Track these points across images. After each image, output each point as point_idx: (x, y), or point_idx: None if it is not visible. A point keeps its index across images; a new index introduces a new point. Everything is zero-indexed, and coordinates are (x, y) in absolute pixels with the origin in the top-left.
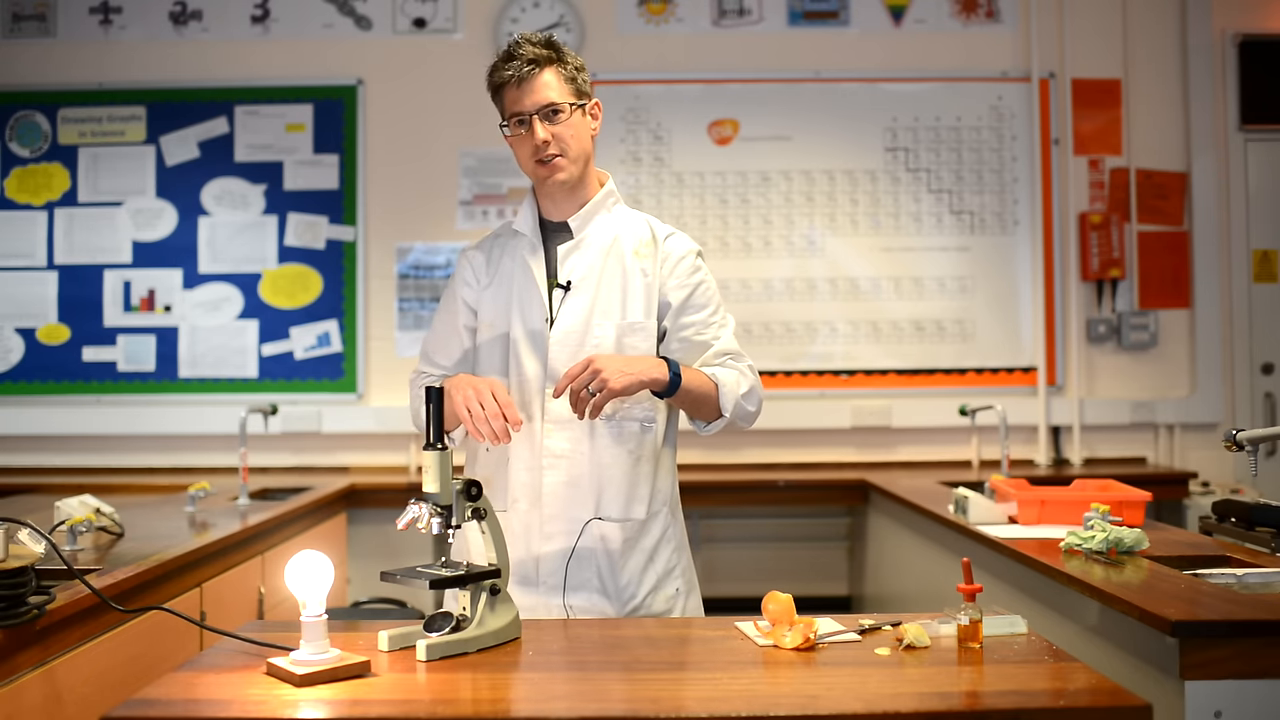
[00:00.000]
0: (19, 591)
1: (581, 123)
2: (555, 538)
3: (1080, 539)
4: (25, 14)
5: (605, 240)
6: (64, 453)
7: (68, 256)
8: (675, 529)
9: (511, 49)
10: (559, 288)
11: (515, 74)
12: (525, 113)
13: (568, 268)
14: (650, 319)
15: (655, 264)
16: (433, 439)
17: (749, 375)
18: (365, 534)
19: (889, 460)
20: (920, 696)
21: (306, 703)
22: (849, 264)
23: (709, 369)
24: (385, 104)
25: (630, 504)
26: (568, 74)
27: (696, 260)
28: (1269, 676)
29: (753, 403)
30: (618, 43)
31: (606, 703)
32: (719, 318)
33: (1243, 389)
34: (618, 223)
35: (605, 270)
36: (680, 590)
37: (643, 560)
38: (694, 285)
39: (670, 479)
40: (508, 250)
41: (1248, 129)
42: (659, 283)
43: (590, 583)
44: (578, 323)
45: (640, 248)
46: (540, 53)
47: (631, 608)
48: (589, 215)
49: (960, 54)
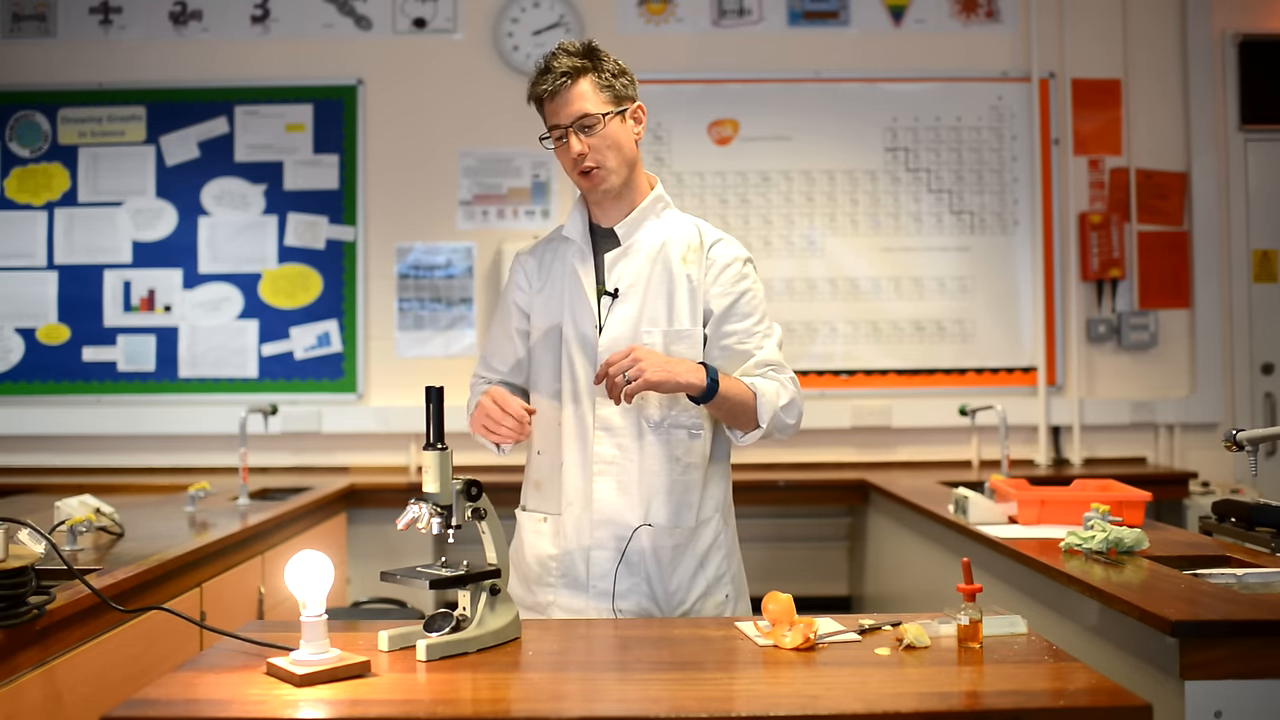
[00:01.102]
0: (19, 591)
1: (621, 129)
2: (605, 543)
3: (1080, 539)
4: (25, 14)
5: (653, 247)
6: (64, 453)
7: (68, 256)
8: (727, 535)
9: (548, 61)
10: (607, 295)
11: (550, 87)
12: (561, 125)
13: (615, 275)
14: (696, 325)
15: (701, 270)
16: (433, 439)
17: (789, 387)
18: (365, 534)
19: (889, 460)
20: (920, 696)
21: (306, 703)
22: (849, 264)
23: (749, 379)
24: (385, 104)
25: (679, 511)
26: (604, 81)
27: (744, 268)
28: (1269, 676)
29: (792, 415)
30: (618, 43)
31: (606, 703)
32: (763, 327)
33: (1243, 389)
34: (666, 228)
35: (652, 277)
36: (730, 596)
37: (693, 566)
38: (739, 294)
39: (723, 486)
40: (559, 255)
41: (1248, 129)
42: (704, 289)
43: (639, 588)
44: (625, 330)
45: (688, 254)
46: (575, 63)
47: (681, 612)
48: (636, 222)
49: (960, 54)
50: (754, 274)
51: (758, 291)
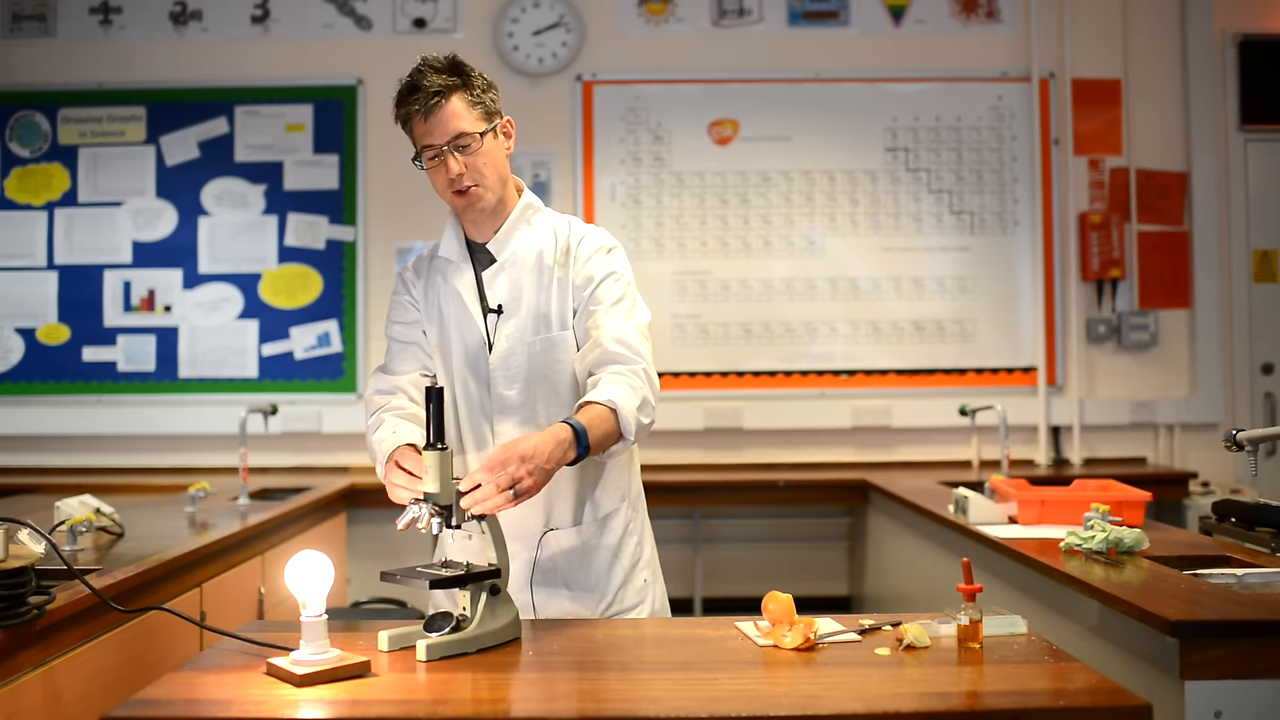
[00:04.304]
0: (19, 591)
1: (495, 146)
2: (515, 555)
3: (1080, 539)
4: (25, 14)
5: (528, 257)
6: (64, 453)
7: (68, 256)
8: (637, 522)
9: (415, 79)
10: (492, 312)
11: (421, 107)
12: (436, 145)
13: (495, 291)
14: (568, 329)
15: (568, 269)
16: (433, 439)
17: (638, 383)
18: (365, 534)
19: (889, 460)
20: (920, 696)
21: (306, 703)
22: (849, 264)
23: (600, 392)
24: (385, 104)
25: (580, 509)
26: (474, 98)
27: (607, 256)
28: (1269, 676)
29: (647, 414)
30: (618, 43)
31: (606, 703)
32: (620, 310)
33: (1243, 389)
34: (539, 235)
35: (530, 288)
36: (648, 580)
37: (608, 558)
38: (600, 278)
39: (626, 472)
40: (440, 275)
41: (1248, 129)
42: (571, 285)
43: (559, 591)
44: (514, 345)
45: (560, 256)
46: (445, 81)
47: (605, 605)
48: (507, 235)
49: (960, 54)
50: (619, 261)
51: (621, 275)
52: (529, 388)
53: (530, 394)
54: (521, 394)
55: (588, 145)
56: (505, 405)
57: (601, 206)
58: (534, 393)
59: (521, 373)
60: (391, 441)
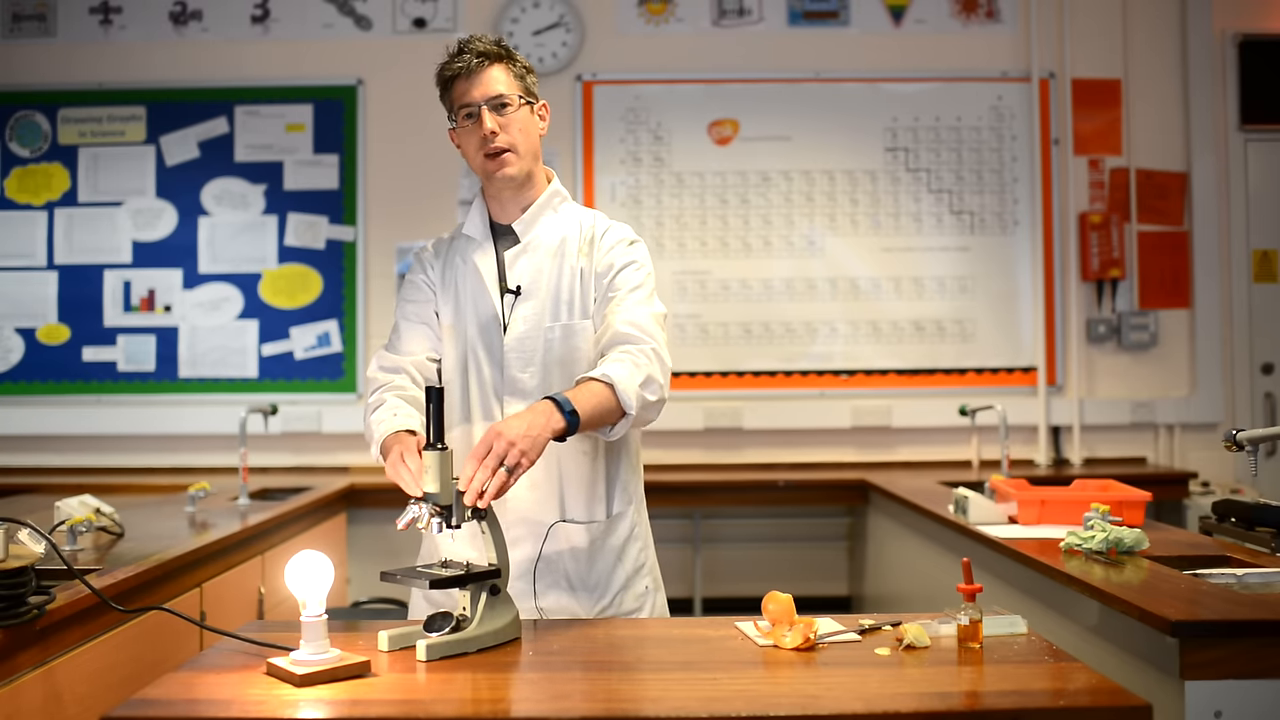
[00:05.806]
0: (19, 591)
1: (530, 120)
2: (521, 542)
3: (1080, 539)
4: (25, 14)
5: (552, 242)
6: (64, 453)
7: (68, 256)
8: (642, 527)
9: (462, 44)
10: (509, 293)
11: (465, 66)
12: (474, 103)
13: (516, 273)
14: (588, 320)
15: (591, 261)
16: (433, 439)
17: (644, 361)
18: (365, 534)
19: (889, 460)
20: (920, 696)
21: (306, 703)
22: (849, 264)
23: (600, 369)
24: (385, 104)
25: (592, 504)
26: (517, 72)
27: (629, 248)
28: (1269, 676)
29: (652, 391)
30: (618, 43)
31: (607, 703)
32: (638, 296)
33: (1243, 389)
34: (564, 223)
35: (551, 273)
36: (649, 588)
37: (612, 559)
38: (621, 266)
39: (634, 476)
40: (460, 253)
41: (1248, 129)
42: (592, 277)
43: (560, 584)
44: (529, 328)
45: (583, 246)
46: (491, 48)
47: (602, 607)
48: (533, 218)
49: (960, 54)
50: (640, 253)
51: (641, 266)
52: (545, 373)
53: (546, 380)
54: (535, 379)
55: (588, 145)
56: (517, 388)
57: (601, 206)
58: (550, 379)
59: (537, 357)
60: (391, 424)
